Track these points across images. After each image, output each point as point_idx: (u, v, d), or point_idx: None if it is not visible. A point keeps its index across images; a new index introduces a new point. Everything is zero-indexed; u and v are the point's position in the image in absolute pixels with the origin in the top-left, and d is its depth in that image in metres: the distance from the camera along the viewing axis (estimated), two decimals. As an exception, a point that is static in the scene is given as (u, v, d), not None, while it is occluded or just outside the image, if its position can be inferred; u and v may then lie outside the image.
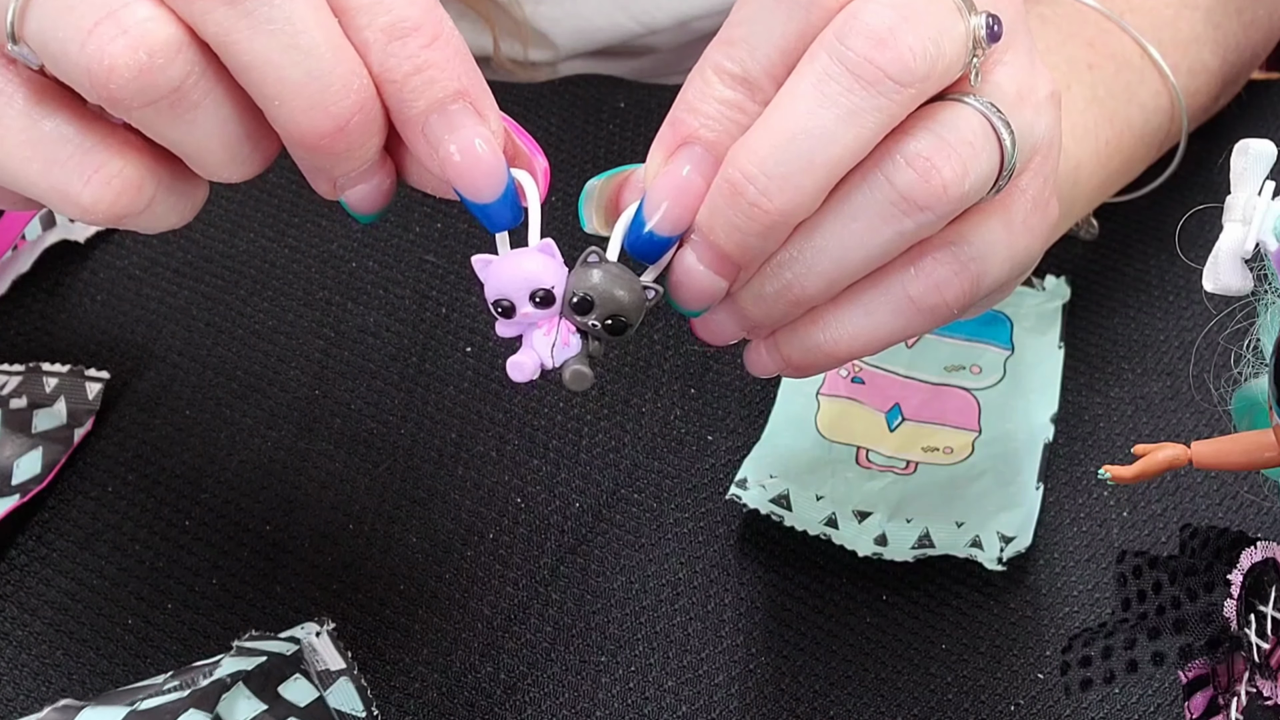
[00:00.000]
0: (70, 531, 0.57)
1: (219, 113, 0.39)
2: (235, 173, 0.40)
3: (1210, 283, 0.38)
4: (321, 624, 0.51)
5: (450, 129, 0.39)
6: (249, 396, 0.61)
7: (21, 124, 0.39)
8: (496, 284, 0.40)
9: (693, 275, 0.41)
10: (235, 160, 0.40)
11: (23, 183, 0.40)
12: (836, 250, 0.41)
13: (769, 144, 0.39)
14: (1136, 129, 0.59)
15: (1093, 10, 0.60)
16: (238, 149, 0.40)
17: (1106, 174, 0.58)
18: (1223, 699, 0.40)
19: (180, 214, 0.42)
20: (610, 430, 0.60)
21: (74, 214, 0.40)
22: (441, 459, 0.59)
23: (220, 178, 0.41)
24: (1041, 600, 0.54)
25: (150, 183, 0.40)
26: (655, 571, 0.55)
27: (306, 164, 0.41)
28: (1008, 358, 0.61)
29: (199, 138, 0.39)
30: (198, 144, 0.39)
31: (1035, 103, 0.43)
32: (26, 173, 0.40)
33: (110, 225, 0.40)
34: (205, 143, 0.39)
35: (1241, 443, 0.40)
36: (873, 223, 0.40)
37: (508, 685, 0.52)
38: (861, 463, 0.58)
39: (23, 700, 0.52)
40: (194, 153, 0.39)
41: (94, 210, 0.39)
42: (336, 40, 0.38)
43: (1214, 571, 0.39)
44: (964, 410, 0.59)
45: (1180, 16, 0.62)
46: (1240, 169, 0.38)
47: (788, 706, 0.52)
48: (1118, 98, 0.58)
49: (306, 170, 0.41)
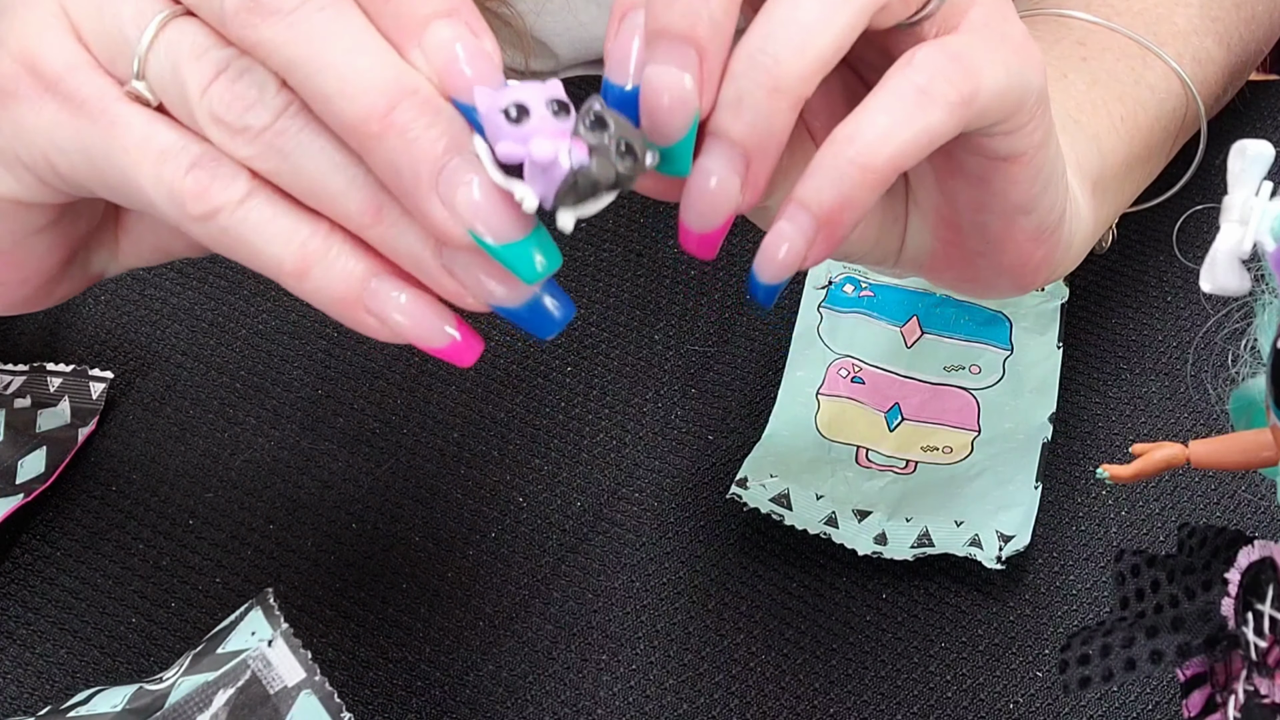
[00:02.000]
0: (74, 530, 0.57)
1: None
2: None
3: (1208, 283, 0.38)
4: (275, 626, 0.47)
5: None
6: (252, 396, 0.62)
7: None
8: (514, 93, 0.37)
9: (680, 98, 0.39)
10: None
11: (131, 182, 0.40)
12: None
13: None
14: (1151, 110, 0.58)
15: (1077, 20, 0.60)
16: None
17: (1130, 152, 0.57)
18: (1220, 697, 0.40)
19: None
20: (611, 430, 0.60)
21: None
22: (444, 458, 0.59)
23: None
24: (1040, 599, 0.54)
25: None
26: (656, 570, 0.56)
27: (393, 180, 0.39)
28: (1007, 358, 0.61)
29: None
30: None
31: None
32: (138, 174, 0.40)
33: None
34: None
35: (1239, 442, 0.40)
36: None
37: (509, 683, 0.52)
38: (861, 462, 0.58)
39: (26, 699, 0.52)
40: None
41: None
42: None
43: (1212, 570, 0.39)
44: (963, 410, 0.60)
45: (1174, 12, 0.62)
46: (1238, 170, 0.38)
47: (788, 705, 0.52)
48: (1122, 81, 0.58)
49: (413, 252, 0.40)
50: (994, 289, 0.50)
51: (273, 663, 0.46)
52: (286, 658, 0.46)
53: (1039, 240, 0.47)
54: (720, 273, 0.66)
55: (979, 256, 0.48)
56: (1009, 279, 0.49)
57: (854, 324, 0.62)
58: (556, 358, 0.63)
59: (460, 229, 0.37)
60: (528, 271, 0.38)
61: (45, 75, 0.40)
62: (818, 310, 0.63)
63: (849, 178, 0.40)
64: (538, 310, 0.40)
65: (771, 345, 0.63)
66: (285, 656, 0.46)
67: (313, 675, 0.46)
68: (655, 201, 0.60)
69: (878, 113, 0.40)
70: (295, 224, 0.39)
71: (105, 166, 0.40)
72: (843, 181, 0.40)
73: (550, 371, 0.62)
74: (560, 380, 0.62)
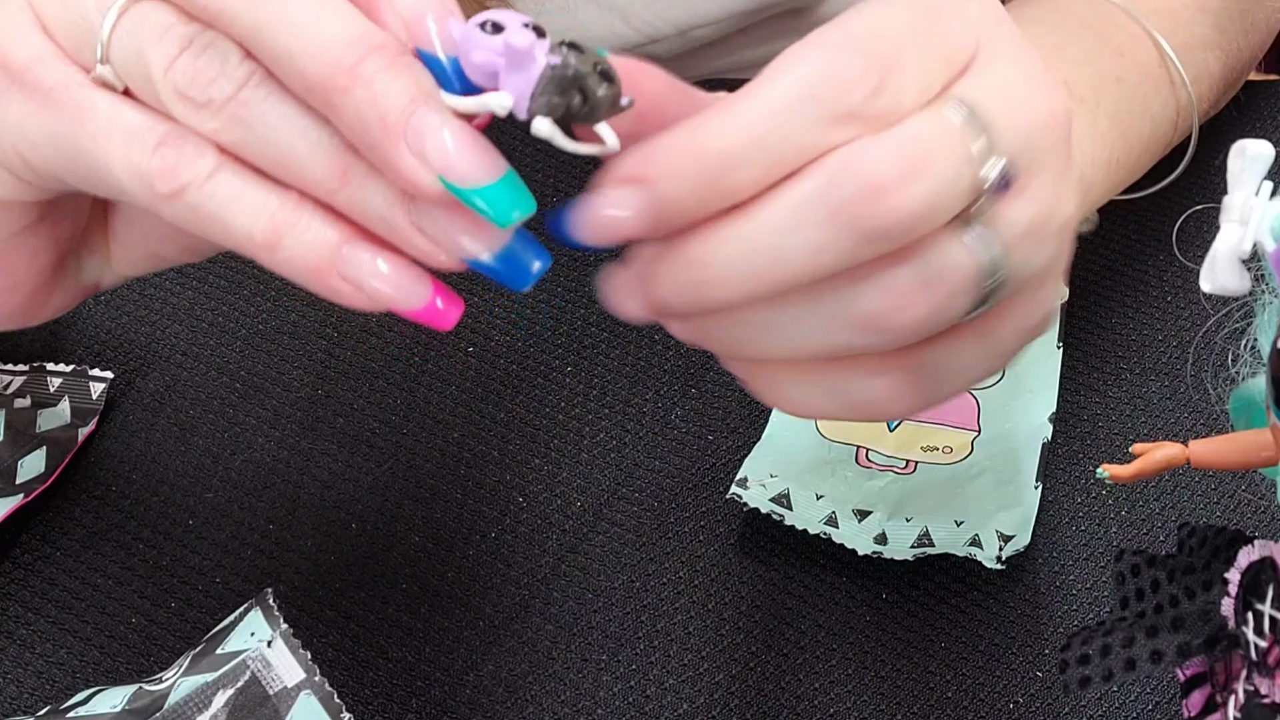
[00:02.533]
0: (74, 531, 0.57)
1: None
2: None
3: (1208, 283, 0.38)
4: (274, 627, 0.47)
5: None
6: (252, 396, 0.62)
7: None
8: (490, 14, 0.37)
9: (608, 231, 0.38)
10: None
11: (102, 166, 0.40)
12: (783, 342, 0.39)
13: (729, 239, 0.37)
14: (1144, 141, 0.59)
15: (1120, 11, 0.59)
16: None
17: (1110, 188, 0.58)
18: (1220, 697, 0.40)
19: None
20: (611, 430, 0.60)
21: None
22: (443, 458, 0.59)
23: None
24: (1040, 599, 0.54)
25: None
26: (656, 570, 0.56)
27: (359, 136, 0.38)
28: (1007, 358, 0.61)
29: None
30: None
31: (1045, 235, 0.40)
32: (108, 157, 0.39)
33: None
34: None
35: (1239, 442, 0.40)
36: (825, 322, 0.39)
37: (509, 683, 0.52)
38: (861, 462, 0.58)
39: (27, 699, 0.52)
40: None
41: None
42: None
43: (1212, 570, 0.39)
44: (963, 410, 0.60)
45: (1195, 20, 0.61)
46: (1238, 170, 0.38)
47: (788, 705, 0.52)
48: (1135, 114, 0.58)
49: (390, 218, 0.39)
50: None
51: (272, 663, 0.46)
52: (286, 658, 0.47)
53: None
54: (720, 273, 0.66)
55: None
56: None
57: (854, 324, 0.62)
58: (556, 358, 0.63)
59: (431, 177, 0.37)
60: (501, 214, 0.37)
61: (11, 68, 0.40)
62: (818, 310, 0.63)
63: (688, 288, 0.39)
64: (512, 260, 0.39)
65: (771, 345, 0.63)
66: (285, 657, 0.47)
67: (312, 675, 0.46)
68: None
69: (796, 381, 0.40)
70: (264, 195, 0.39)
71: (74, 154, 0.40)
72: (680, 291, 0.39)
73: (550, 371, 0.62)
74: (560, 380, 0.62)
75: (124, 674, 0.53)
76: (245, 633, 0.48)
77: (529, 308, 0.65)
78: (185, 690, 0.46)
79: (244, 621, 0.48)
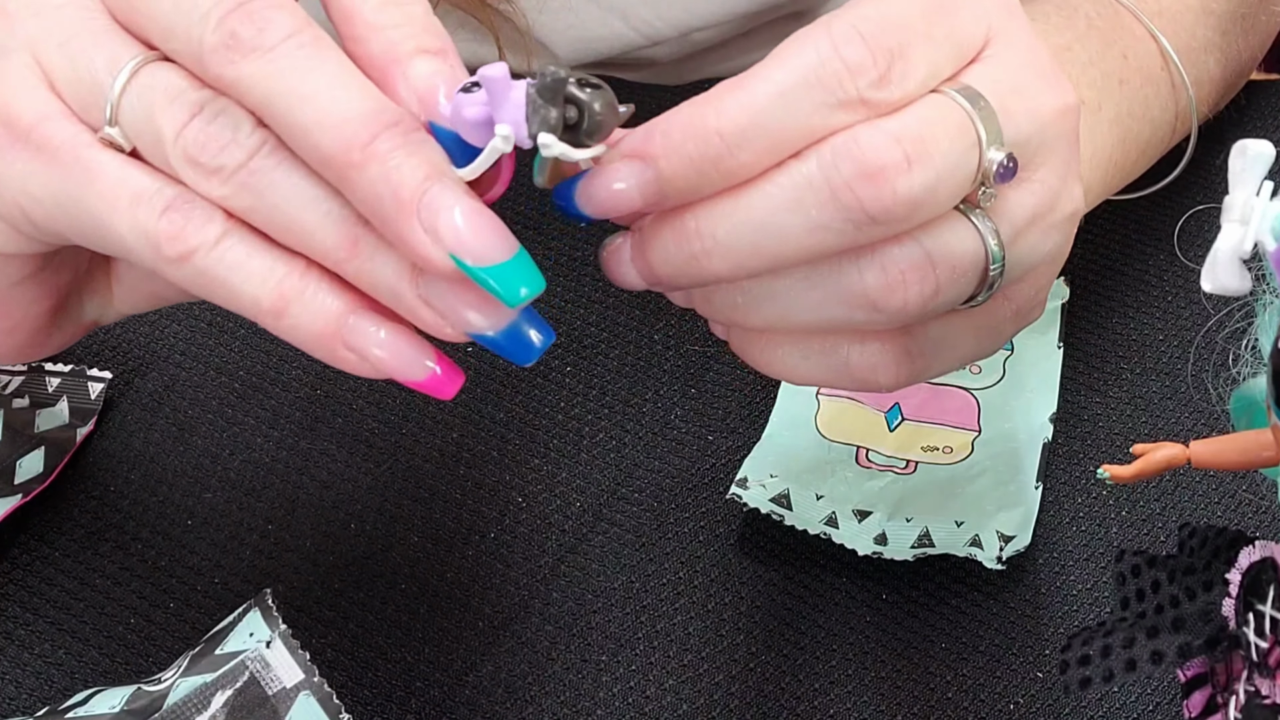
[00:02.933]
0: (72, 531, 0.57)
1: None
2: None
3: (1208, 283, 0.38)
4: (273, 627, 0.47)
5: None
6: (251, 396, 0.62)
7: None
8: (472, 78, 0.38)
9: (614, 253, 0.40)
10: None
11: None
12: (779, 313, 0.40)
13: (728, 214, 0.38)
14: (1142, 145, 0.59)
15: (1127, 12, 0.59)
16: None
17: (1105, 190, 0.58)
18: (1221, 697, 0.40)
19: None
20: (610, 430, 0.60)
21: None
22: (443, 458, 0.59)
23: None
24: (1041, 599, 0.54)
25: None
26: (655, 570, 0.56)
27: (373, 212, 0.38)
28: (1007, 357, 0.61)
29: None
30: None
31: (1049, 225, 0.41)
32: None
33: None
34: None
35: (1239, 442, 0.40)
36: (823, 297, 0.39)
37: (508, 684, 0.52)
38: (861, 462, 0.58)
39: (25, 699, 0.52)
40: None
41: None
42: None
43: (1212, 570, 0.39)
44: (963, 410, 0.60)
45: (1199, 22, 0.61)
46: (1238, 169, 0.38)
47: (788, 706, 0.52)
48: (1136, 116, 0.58)
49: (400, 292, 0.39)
50: None
51: (271, 664, 0.46)
52: (285, 659, 0.46)
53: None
54: (720, 272, 0.66)
55: None
56: None
57: (854, 324, 0.62)
58: (556, 358, 0.63)
59: (442, 254, 0.37)
60: (510, 294, 0.38)
61: (17, 126, 0.40)
62: (818, 310, 0.63)
63: (686, 259, 0.39)
64: (517, 337, 0.40)
65: (771, 345, 0.63)
66: (284, 657, 0.46)
67: (311, 676, 0.46)
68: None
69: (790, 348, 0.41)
70: (271, 262, 0.39)
71: (79, 213, 0.40)
72: (678, 262, 0.39)
73: (550, 371, 0.62)
74: (560, 380, 0.62)
75: (122, 674, 0.53)
76: (244, 633, 0.47)
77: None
78: (184, 691, 0.46)
79: (243, 622, 0.48)
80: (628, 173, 0.38)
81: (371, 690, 0.52)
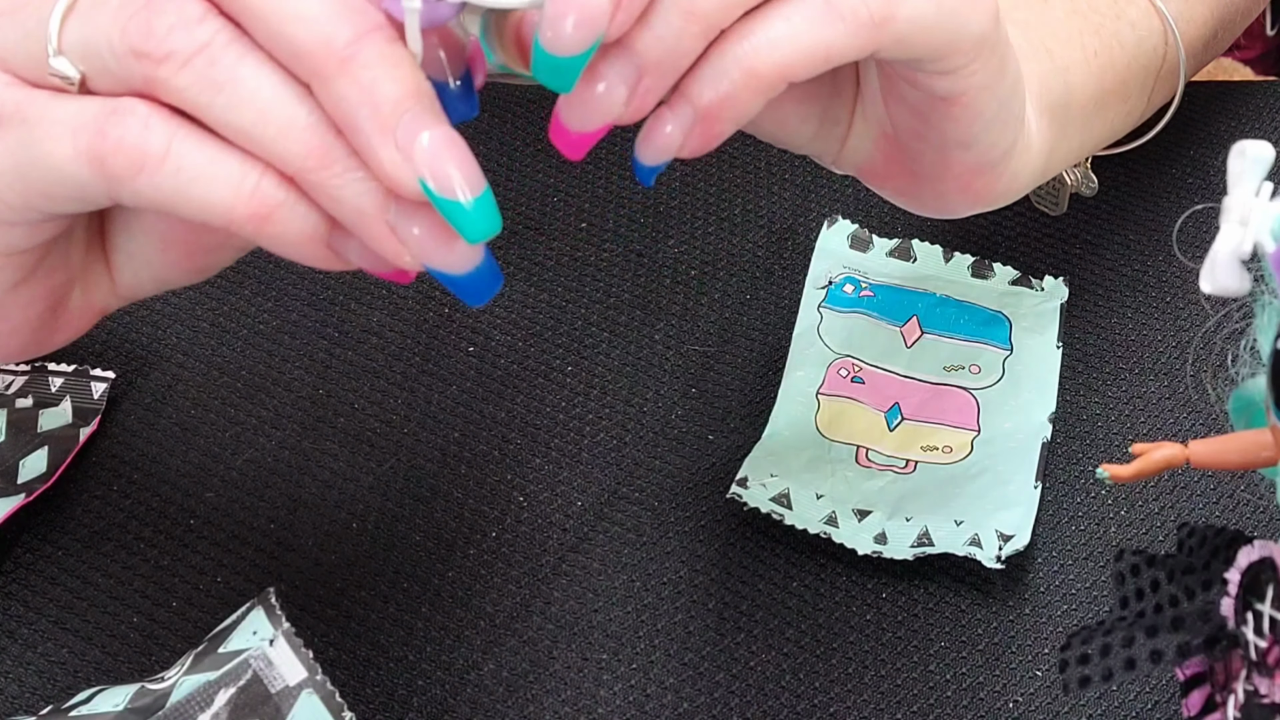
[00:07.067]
0: (75, 530, 0.57)
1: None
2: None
3: (1207, 284, 0.38)
4: (276, 625, 0.47)
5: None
6: (253, 396, 0.62)
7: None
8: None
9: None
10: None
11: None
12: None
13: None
14: (1129, 46, 0.57)
15: None
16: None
17: (1101, 88, 0.56)
18: (1220, 697, 0.40)
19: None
20: (611, 430, 0.60)
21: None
22: (444, 458, 0.59)
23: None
24: (1040, 598, 0.54)
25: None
26: (656, 570, 0.56)
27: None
28: (1006, 357, 0.61)
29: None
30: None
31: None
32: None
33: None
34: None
35: (1238, 442, 0.40)
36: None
37: (510, 683, 0.53)
38: (861, 462, 0.58)
39: (28, 698, 0.52)
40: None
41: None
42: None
43: (1211, 570, 0.39)
44: (963, 409, 0.60)
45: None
46: (1237, 171, 0.38)
47: (788, 705, 0.52)
48: (1102, 13, 0.57)
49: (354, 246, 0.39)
50: (930, 209, 0.50)
51: (274, 662, 0.46)
52: (288, 657, 0.46)
53: (978, 172, 0.47)
54: (720, 273, 0.66)
55: (918, 177, 0.47)
56: (945, 202, 0.48)
57: (854, 324, 0.62)
58: (556, 358, 0.63)
59: (412, 177, 0.36)
60: (473, 230, 0.37)
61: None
62: (818, 310, 0.63)
63: (732, 80, 0.39)
64: (474, 276, 0.39)
65: (771, 345, 0.63)
66: (286, 656, 0.46)
67: (314, 674, 0.46)
68: (656, 201, 0.60)
69: (777, 19, 0.39)
70: (241, 167, 0.37)
71: (36, 171, 0.38)
72: (724, 81, 0.39)
73: (550, 371, 0.62)
74: (560, 380, 0.62)
75: (126, 673, 0.53)
76: (247, 632, 0.48)
77: (529, 307, 0.65)
78: (187, 689, 0.46)
79: (246, 620, 0.48)
80: (670, 116, 0.39)
81: (374, 688, 0.52)
